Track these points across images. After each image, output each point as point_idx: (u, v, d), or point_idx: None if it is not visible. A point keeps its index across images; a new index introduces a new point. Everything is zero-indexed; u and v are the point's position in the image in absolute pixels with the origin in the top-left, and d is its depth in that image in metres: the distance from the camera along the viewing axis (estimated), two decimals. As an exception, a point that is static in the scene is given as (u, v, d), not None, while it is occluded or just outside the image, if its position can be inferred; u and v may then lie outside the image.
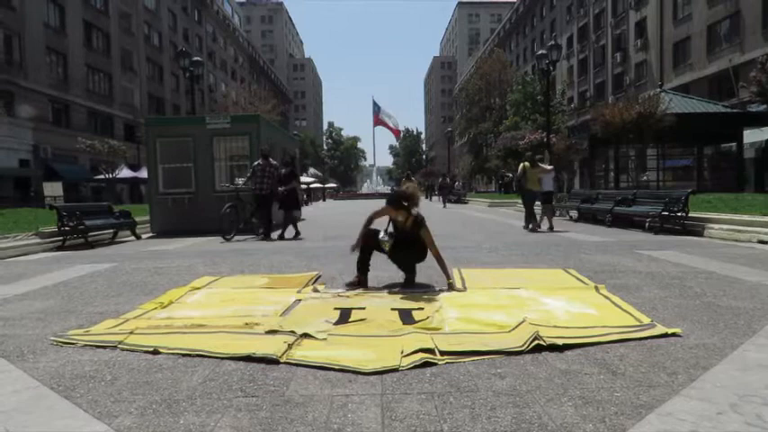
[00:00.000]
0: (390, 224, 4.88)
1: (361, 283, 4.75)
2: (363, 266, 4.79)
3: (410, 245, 4.73)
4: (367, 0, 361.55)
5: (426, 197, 43.73)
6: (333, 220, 16.52)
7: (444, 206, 26.64)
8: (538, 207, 11.62)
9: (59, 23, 31.70)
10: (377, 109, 56.40)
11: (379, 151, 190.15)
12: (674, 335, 3.02)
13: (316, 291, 4.54)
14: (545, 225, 11.15)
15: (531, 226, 10.94)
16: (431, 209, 24.81)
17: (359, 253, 4.82)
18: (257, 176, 9.98)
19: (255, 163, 10.20)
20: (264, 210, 10.09)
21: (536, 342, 2.83)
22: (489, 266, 5.88)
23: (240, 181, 10.84)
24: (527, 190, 11.11)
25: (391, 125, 54.66)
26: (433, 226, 13.28)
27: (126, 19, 39.64)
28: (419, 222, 4.66)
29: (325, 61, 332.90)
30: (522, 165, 11.35)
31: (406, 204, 4.67)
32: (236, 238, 9.86)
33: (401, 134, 68.73)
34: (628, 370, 2.49)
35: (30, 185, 27.74)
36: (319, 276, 5.29)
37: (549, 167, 11.87)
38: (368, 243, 4.80)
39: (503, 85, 46.54)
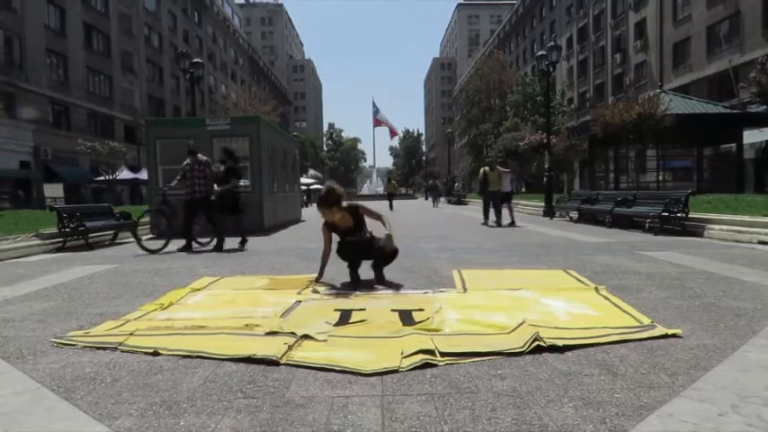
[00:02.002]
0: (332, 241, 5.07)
1: (353, 279, 4.94)
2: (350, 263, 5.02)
3: (360, 240, 4.96)
4: (367, 1, 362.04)
5: (426, 198, 43.75)
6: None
7: (434, 206, 29.27)
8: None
9: (60, 25, 31.74)
10: (376, 110, 56.50)
11: (379, 152, 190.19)
12: (674, 336, 3.01)
13: (316, 292, 4.54)
14: (506, 220, 12.78)
15: (490, 222, 12.82)
16: (424, 209, 24.81)
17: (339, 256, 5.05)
18: (186, 178, 8.56)
19: (184, 163, 8.74)
20: (191, 216, 8.58)
21: (536, 343, 2.83)
22: (489, 267, 5.87)
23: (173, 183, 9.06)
24: (489, 191, 12.90)
25: (389, 124, 54.81)
26: (433, 227, 13.32)
27: (126, 21, 39.69)
28: (353, 207, 4.92)
29: (325, 62, 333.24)
30: (482, 170, 13.16)
31: (334, 201, 4.87)
32: (167, 249, 8.14)
33: (399, 134, 68.63)
34: (628, 371, 2.49)
35: (30, 187, 27.80)
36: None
37: (507, 170, 13.73)
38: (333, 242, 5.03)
39: (502, 86, 46.64)
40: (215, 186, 8.60)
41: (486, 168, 13.06)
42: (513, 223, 12.56)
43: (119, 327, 3.44)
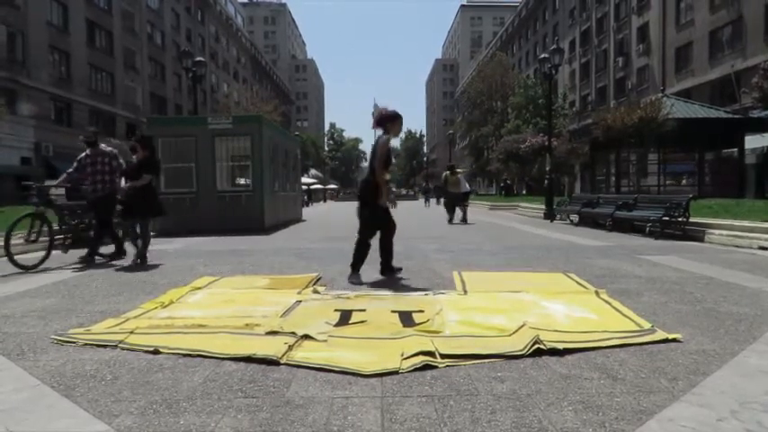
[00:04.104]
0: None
1: (355, 281, 5.01)
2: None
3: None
4: (369, 2, 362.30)
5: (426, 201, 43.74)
6: (333, 222, 16.53)
7: (426, 206, 31.19)
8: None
9: (62, 22, 31.77)
10: (375, 109, 56.43)
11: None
12: (674, 340, 3.02)
13: (316, 292, 4.54)
14: (459, 217, 14.62)
15: (451, 219, 14.63)
16: (423, 209, 24.82)
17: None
18: (86, 173, 7.11)
19: (83, 154, 7.24)
20: (101, 218, 7.18)
21: (536, 346, 2.83)
22: (489, 269, 5.88)
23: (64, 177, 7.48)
24: (450, 192, 15.05)
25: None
26: (433, 228, 13.35)
27: (129, 18, 39.73)
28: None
29: (327, 63, 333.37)
30: (444, 174, 15.37)
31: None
32: (48, 263, 6.61)
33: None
34: (628, 375, 2.49)
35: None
36: (320, 278, 5.29)
37: (461, 170, 16.62)
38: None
39: (504, 89, 46.62)
40: (122, 183, 6.91)
41: (447, 173, 15.13)
42: (464, 221, 14.51)
43: (119, 324, 3.45)
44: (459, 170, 15.71)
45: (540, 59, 18.11)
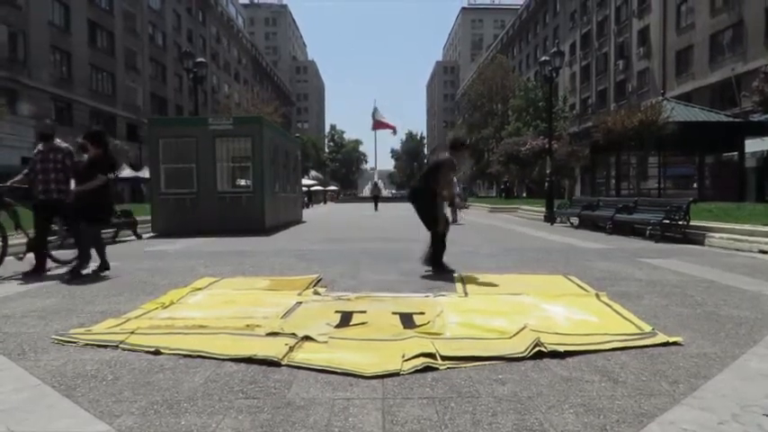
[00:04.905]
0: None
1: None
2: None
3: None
4: (370, 4, 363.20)
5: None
6: (333, 224, 16.52)
7: None
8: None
9: (64, 22, 31.82)
10: (374, 111, 56.29)
11: (380, 154, 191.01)
12: (674, 343, 3.01)
13: (317, 293, 4.55)
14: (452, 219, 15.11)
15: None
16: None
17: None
18: (37, 170, 6.11)
19: (35, 150, 6.39)
20: (46, 225, 6.31)
21: (537, 348, 2.83)
22: (490, 272, 5.87)
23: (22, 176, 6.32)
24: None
25: (387, 122, 54.32)
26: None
27: (130, 19, 39.79)
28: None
29: (327, 63, 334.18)
30: None
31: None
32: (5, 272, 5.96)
33: (397, 130, 67.01)
34: (629, 378, 2.49)
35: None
36: (320, 279, 5.29)
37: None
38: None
39: (505, 91, 46.66)
40: (71, 184, 5.90)
41: None
42: (455, 221, 14.42)
43: (120, 325, 3.45)
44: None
45: (540, 62, 18.15)
